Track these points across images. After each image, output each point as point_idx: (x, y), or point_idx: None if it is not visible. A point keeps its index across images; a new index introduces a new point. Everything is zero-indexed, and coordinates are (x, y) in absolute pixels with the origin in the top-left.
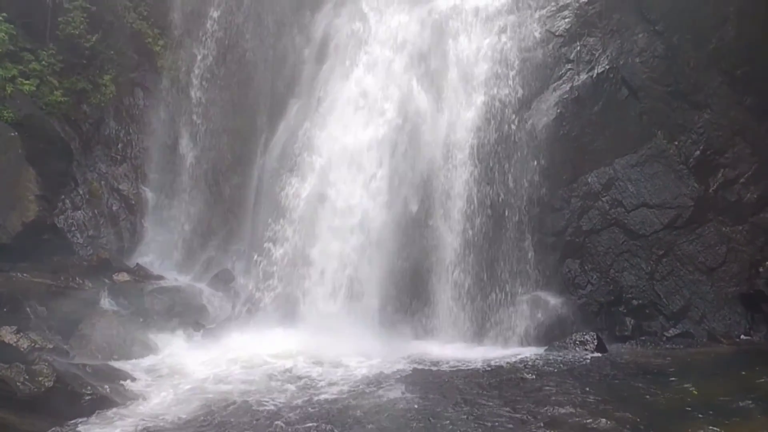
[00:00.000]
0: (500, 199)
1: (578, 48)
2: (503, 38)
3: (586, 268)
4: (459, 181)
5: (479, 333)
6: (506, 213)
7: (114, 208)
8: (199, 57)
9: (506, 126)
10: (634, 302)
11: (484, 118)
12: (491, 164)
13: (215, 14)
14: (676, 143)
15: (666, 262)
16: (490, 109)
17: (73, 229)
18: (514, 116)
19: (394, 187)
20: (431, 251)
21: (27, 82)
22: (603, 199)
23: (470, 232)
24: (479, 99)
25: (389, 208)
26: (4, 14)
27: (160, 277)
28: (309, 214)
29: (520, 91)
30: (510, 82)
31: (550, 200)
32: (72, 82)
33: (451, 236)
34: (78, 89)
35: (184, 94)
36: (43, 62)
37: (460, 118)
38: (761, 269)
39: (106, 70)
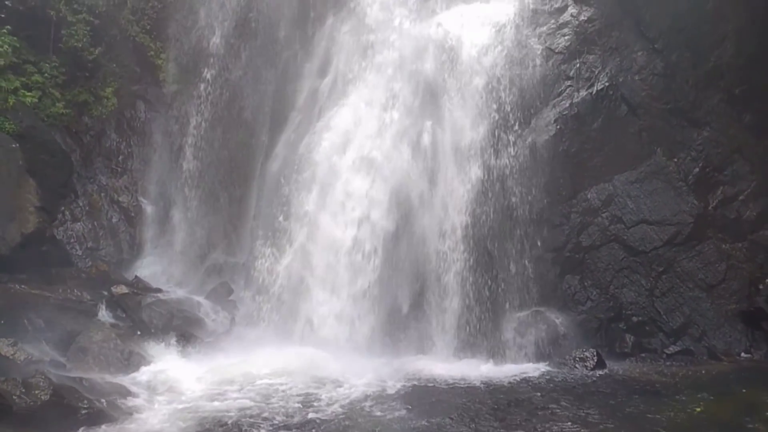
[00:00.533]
0: (502, 215)
1: (578, 65)
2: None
3: (585, 284)
4: (458, 192)
5: (479, 350)
6: (507, 228)
7: (114, 220)
8: (201, 75)
9: (507, 140)
10: (634, 319)
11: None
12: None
13: (217, 40)
14: (676, 160)
15: (666, 279)
16: (492, 123)
17: (72, 240)
18: (514, 137)
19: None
20: (432, 266)
21: (29, 93)
22: (603, 215)
23: (471, 245)
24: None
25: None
26: (8, 27)
27: (158, 290)
28: (309, 231)
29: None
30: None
31: (550, 216)
32: (74, 94)
33: (451, 254)
34: (80, 101)
35: (186, 110)
36: (46, 74)
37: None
38: (761, 286)
39: (108, 82)
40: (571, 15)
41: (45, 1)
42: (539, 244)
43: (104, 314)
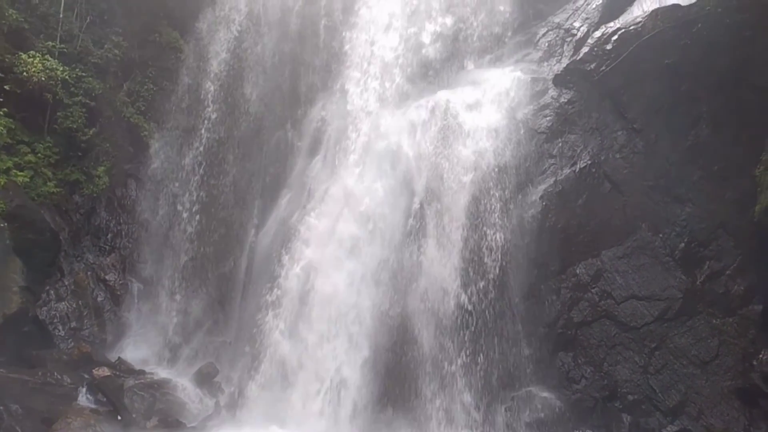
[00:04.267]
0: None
1: (560, 144)
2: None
3: (579, 361)
4: (451, 275)
5: (473, 430)
6: (498, 305)
7: (99, 299)
8: (193, 154)
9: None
10: (630, 397)
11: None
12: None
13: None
14: (661, 235)
15: (659, 355)
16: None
17: (55, 321)
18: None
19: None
20: (421, 346)
21: (21, 173)
22: (592, 290)
23: (463, 325)
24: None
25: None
26: (5, 109)
27: (141, 372)
28: (296, 309)
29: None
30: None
31: (540, 291)
32: (66, 174)
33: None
34: (71, 180)
35: (176, 188)
36: (39, 154)
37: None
38: (755, 362)
39: (100, 161)
40: (552, 97)
41: (43, 85)
42: (531, 320)
43: (84, 398)
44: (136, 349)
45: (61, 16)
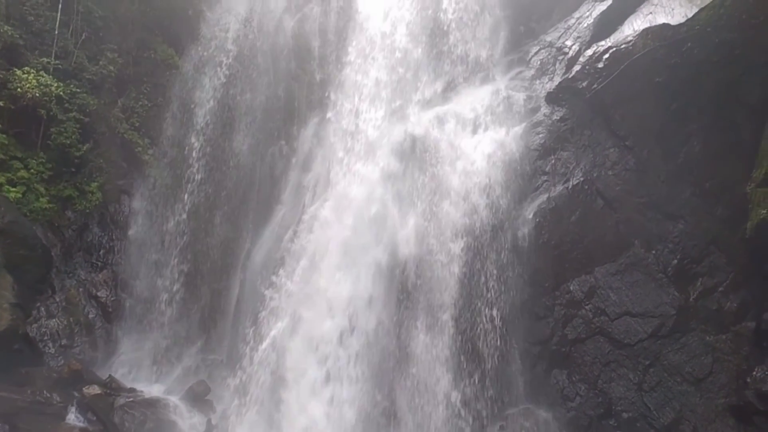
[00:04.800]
0: (487, 309)
1: (553, 161)
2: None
3: (573, 378)
4: (447, 290)
5: None
6: (492, 321)
7: (90, 316)
8: (187, 170)
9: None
10: (624, 415)
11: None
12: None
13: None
14: (654, 252)
15: (653, 373)
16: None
17: (45, 338)
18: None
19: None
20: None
21: (13, 189)
22: (586, 307)
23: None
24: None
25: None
26: None
27: (132, 390)
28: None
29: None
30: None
31: (534, 308)
32: (59, 189)
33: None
34: (64, 196)
35: (170, 203)
36: (32, 170)
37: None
38: (749, 380)
39: (94, 177)
40: (544, 115)
41: (37, 100)
42: (525, 337)
43: (74, 417)
44: (128, 367)
45: (56, 32)
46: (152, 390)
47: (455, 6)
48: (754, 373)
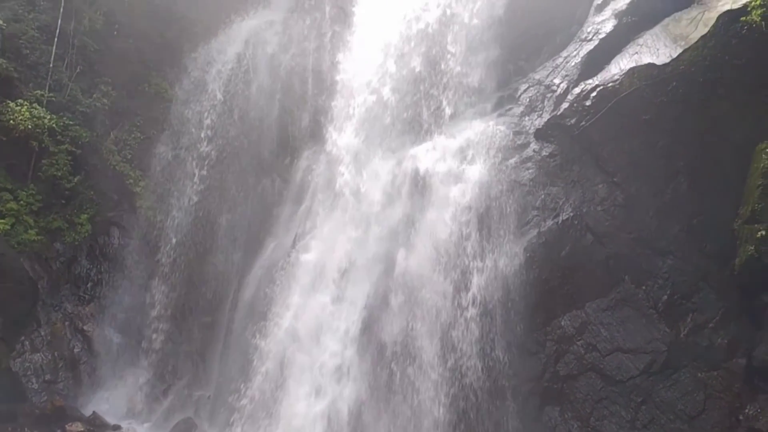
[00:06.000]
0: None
1: (542, 196)
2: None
3: (566, 416)
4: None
5: None
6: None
7: (76, 350)
8: (178, 201)
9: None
10: None
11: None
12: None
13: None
14: (644, 288)
15: (645, 410)
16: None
17: (29, 373)
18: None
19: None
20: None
21: (2, 221)
22: (578, 343)
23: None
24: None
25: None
26: None
27: (117, 427)
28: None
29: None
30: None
31: (525, 343)
32: (48, 221)
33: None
34: (53, 228)
35: (160, 236)
36: (22, 202)
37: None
38: (741, 417)
39: (84, 209)
40: (534, 150)
41: (29, 132)
42: (517, 373)
43: None
44: (112, 403)
45: (51, 65)
46: (137, 427)
47: (447, 45)
48: (746, 410)
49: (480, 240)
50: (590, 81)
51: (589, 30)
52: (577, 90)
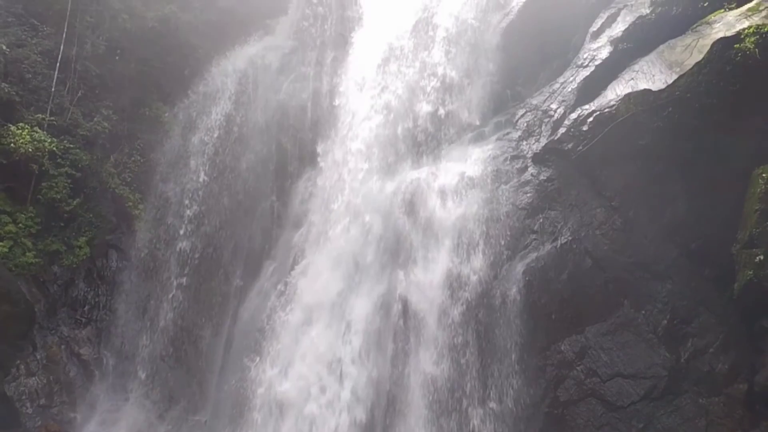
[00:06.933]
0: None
1: (541, 220)
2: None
3: None
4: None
5: None
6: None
7: (71, 374)
8: (178, 224)
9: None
10: None
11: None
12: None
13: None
14: (644, 312)
15: None
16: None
17: (23, 397)
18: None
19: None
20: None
21: (0, 243)
22: (578, 368)
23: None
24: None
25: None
26: None
27: None
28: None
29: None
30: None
31: (525, 369)
32: (46, 244)
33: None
34: (51, 251)
35: (158, 259)
36: (20, 224)
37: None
38: None
39: (82, 232)
40: (532, 174)
41: (29, 156)
42: (517, 399)
43: None
44: (108, 428)
45: (53, 89)
46: None
47: (446, 70)
48: None
49: (478, 264)
50: (587, 106)
51: (585, 56)
52: (574, 115)
